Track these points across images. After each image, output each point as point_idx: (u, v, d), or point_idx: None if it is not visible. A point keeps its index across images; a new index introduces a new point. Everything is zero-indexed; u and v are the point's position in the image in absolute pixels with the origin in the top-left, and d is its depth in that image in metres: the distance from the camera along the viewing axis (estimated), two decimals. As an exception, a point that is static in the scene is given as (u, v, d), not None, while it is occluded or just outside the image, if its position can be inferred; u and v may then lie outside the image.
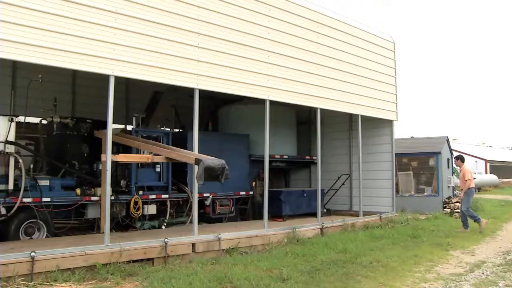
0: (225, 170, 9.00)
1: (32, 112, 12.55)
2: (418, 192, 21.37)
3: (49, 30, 8.08)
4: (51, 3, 8.13)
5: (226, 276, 7.96)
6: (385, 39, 16.17)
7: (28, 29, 7.85)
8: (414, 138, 26.30)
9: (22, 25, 7.78)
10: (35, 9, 7.95)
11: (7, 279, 7.32)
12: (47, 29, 8.06)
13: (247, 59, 11.13)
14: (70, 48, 8.30)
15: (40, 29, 7.98)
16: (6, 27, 7.62)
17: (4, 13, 7.62)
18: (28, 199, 9.83)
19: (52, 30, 8.12)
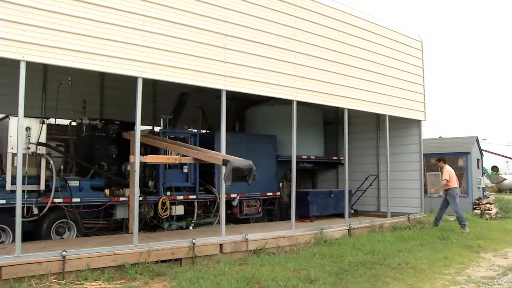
0: (253, 171, 8.99)
1: (62, 114, 12.72)
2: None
3: (78, 33, 8.23)
4: (81, 7, 8.28)
5: (254, 277, 7.97)
6: (413, 38, 15.98)
7: (59, 33, 8.03)
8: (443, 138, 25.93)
9: (52, 29, 7.96)
10: (65, 13, 8.12)
11: (40, 277, 7.49)
12: (77, 32, 8.22)
13: (274, 59, 11.12)
14: (99, 51, 8.44)
15: (70, 33, 8.15)
16: (38, 32, 7.80)
17: (36, 18, 7.80)
18: (58, 200, 9.99)
19: (81, 33, 8.27)
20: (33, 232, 9.84)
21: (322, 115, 16.58)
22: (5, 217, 9.40)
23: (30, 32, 7.72)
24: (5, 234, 9.49)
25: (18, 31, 7.61)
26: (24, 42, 7.67)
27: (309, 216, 13.74)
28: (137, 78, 8.84)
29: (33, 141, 9.73)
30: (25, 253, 7.67)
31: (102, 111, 15.37)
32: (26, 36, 7.68)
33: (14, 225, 8.06)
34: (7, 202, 9.29)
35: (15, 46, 7.59)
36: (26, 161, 9.30)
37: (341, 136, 14.68)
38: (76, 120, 12.13)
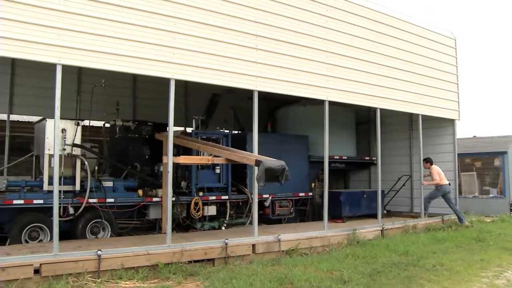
0: (285, 171, 8.97)
1: (96, 116, 12.93)
2: (482, 194, 20.62)
3: (112, 36, 8.37)
4: (115, 10, 8.42)
5: (287, 278, 7.94)
6: (446, 35, 15.73)
7: (93, 36, 8.17)
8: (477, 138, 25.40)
9: (87, 33, 8.11)
10: (99, 17, 8.26)
11: (77, 275, 7.64)
12: (110, 35, 8.36)
13: (306, 60, 11.09)
14: (132, 53, 8.56)
15: (103, 36, 8.29)
16: (73, 35, 7.96)
17: (71, 23, 7.96)
18: (93, 200, 10.15)
19: (115, 36, 8.40)
20: (69, 231, 10.04)
21: (354, 115, 16.46)
22: (42, 217, 9.67)
23: (65, 36, 7.88)
24: (43, 233, 9.73)
25: (55, 35, 7.78)
26: (60, 46, 7.83)
27: (342, 216, 13.67)
28: (170, 79, 8.93)
29: (68, 143, 9.91)
30: (62, 252, 7.84)
31: (135, 112, 15.58)
32: (62, 40, 7.84)
33: (51, 224, 8.30)
34: (45, 202, 9.51)
35: (52, 50, 7.75)
36: (62, 162, 9.46)
37: (374, 136, 14.56)
38: (109, 122, 12.31)
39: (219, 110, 15.31)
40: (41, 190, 9.89)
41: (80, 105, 13.98)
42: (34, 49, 7.62)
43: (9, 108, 14.10)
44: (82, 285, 7.41)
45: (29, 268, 7.37)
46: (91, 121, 12.75)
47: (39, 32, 7.66)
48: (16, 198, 9.51)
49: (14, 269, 7.25)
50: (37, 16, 7.66)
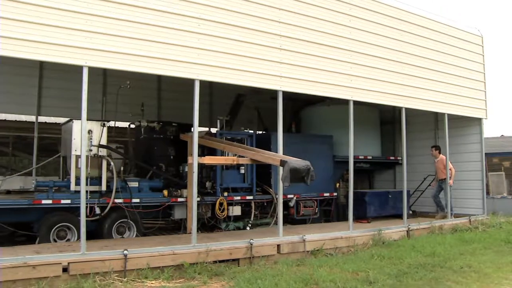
0: (310, 171, 8.94)
1: (121, 117, 13.05)
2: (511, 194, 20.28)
3: (137, 38, 8.46)
4: (140, 12, 8.50)
5: (312, 278, 7.93)
6: (472, 33, 15.48)
7: (118, 38, 8.28)
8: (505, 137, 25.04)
9: (113, 35, 8.22)
10: (125, 19, 8.36)
11: (103, 274, 7.74)
12: (135, 37, 8.45)
13: (330, 59, 11.05)
14: (156, 55, 8.63)
15: (129, 38, 8.38)
16: (99, 38, 8.07)
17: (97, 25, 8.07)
18: (119, 200, 10.25)
19: (140, 38, 8.49)
20: (96, 231, 10.15)
21: (379, 114, 16.33)
22: (70, 216, 9.82)
23: (92, 39, 8.00)
24: (71, 232, 9.87)
25: (82, 38, 7.90)
26: (87, 49, 7.94)
27: (367, 217, 13.58)
28: (194, 80, 8.97)
29: (94, 144, 10.02)
30: (89, 251, 7.96)
31: (159, 113, 15.69)
32: (88, 43, 7.95)
33: (79, 224, 8.43)
34: (72, 202, 9.66)
35: (79, 53, 7.87)
36: (88, 163, 9.58)
37: (399, 136, 14.44)
38: (135, 123, 12.41)
39: (244, 111, 15.33)
40: (68, 190, 10.04)
41: (106, 107, 14.13)
42: (61, 51, 7.75)
43: (37, 110, 14.33)
44: (108, 284, 7.50)
45: (58, 267, 7.51)
46: (117, 122, 12.85)
47: (67, 35, 7.79)
48: (45, 198, 9.67)
49: (44, 267, 7.40)
50: (65, 19, 7.79)
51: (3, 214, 9.49)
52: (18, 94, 14.14)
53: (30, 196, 10.23)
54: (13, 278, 7.14)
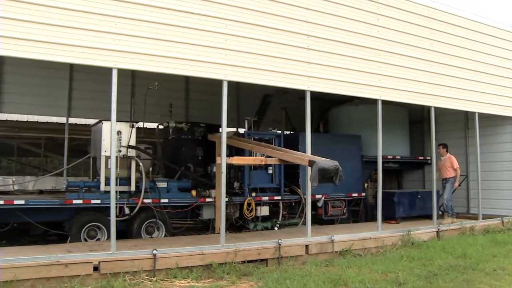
0: (339, 171, 8.90)
1: (150, 118, 13.17)
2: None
3: (165, 39, 8.52)
4: (168, 14, 8.56)
5: (341, 279, 7.89)
6: (504, 29, 15.13)
7: (147, 40, 8.36)
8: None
9: (141, 37, 8.31)
10: (153, 21, 8.44)
11: (133, 273, 7.84)
12: (164, 39, 8.51)
13: (357, 58, 10.96)
14: (184, 56, 8.69)
15: (157, 40, 8.45)
16: (128, 40, 8.17)
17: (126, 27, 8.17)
18: (148, 200, 10.34)
19: (168, 39, 8.55)
20: (125, 230, 10.26)
21: (407, 114, 16.15)
22: (100, 216, 9.96)
23: (121, 41, 8.09)
24: (101, 232, 10.02)
25: (111, 40, 8.00)
26: (116, 51, 8.05)
27: (395, 217, 13.43)
28: (222, 81, 9.00)
29: (124, 144, 10.13)
30: (119, 251, 8.06)
31: (187, 114, 15.79)
32: (117, 45, 8.05)
33: (108, 224, 8.53)
34: (102, 202, 9.81)
35: (108, 55, 7.98)
36: (118, 164, 9.69)
37: (428, 135, 14.25)
38: (163, 123, 12.51)
39: (271, 111, 15.33)
40: (98, 191, 10.19)
41: (134, 108, 14.29)
42: (91, 54, 7.87)
43: (67, 111, 14.58)
44: (138, 283, 7.57)
45: (89, 266, 7.63)
46: (145, 123, 12.98)
47: (97, 38, 7.91)
48: (75, 198, 9.84)
49: (76, 265, 7.54)
50: (94, 22, 7.90)
51: (36, 213, 9.73)
52: (49, 96, 14.45)
53: (61, 196, 10.44)
54: (47, 276, 7.31)
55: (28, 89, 14.16)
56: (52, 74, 14.06)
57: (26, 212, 9.57)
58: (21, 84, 14.11)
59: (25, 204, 9.45)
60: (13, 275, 7.06)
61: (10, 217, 9.66)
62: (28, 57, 7.64)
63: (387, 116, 12.13)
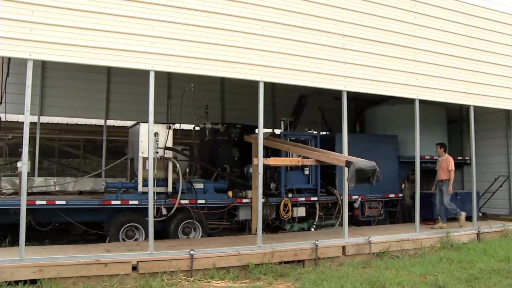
0: (376, 172, 8.81)
1: (186, 119, 13.28)
2: None
3: (201, 41, 8.59)
4: (203, 17, 8.63)
5: (378, 280, 7.80)
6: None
7: (183, 42, 8.44)
8: None
9: (178, 39, 8.40)
10: (189, 24, 8.52)
11: (171, 273, 7.93)
12: (199, 41, 8.58)
13: (394, 58, 10.82)
14: (220, 57, 8.73)
15: (193, 42, 8.52)
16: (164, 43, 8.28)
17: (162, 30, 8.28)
18: (185, 201, 10.43)
19: (204, 41, 8.61)
20: (162, 231, 10.38)
21: (445, 113, 15.86)
22: (137, 217, 10.11)
23: (158, 44, 8.20)
24: (138, 232, 10.17)
25: (148, 43, 8.11)
26: (153, 53, 8.15)
27: (434, 218, 13.19)
28: (259, 82, 9.02)
29: (161, 146, 10.25)
30: (157, 251, 8.17)
31: (223, 115, 15.87)
32: (154, 48, 8.16)
33: (146, 224, 8.67)
34: (139, 202, 9.95)
35: (145, 58, 8.10)
36: (155, 165, 9.81)
37: (466, 135, 13.97)
38: (199, 125, 12.60)
39: (307, 111, 15.29)
40: (136, 192, 10.33)
41: (171, 109, 14.44)
42: (129, 57, 8.01)
43: (105, 114, 14.84)
44: (176, 283, 7.66)
45: (127, 265, 7.76)
46: (182, 125, 13.10)
47: (134, 41, 8.04)
48: (114, 199, 10.00)
49: (115, 265, 7.68)
50: (132, 26, 8.04)
51: (76, 213, 9.96)
52: (88, 99, 14.77)
53: (100, 197, 10.62)
54: (87, 274, 7.48)
55: (67, 92, 14.54)
56: (90, 78, 14.36)
57: (67, 212, 9.82)
58: (61, 88, 14.49)
59: (66, 205, 9.69)
60: (56, 272, 7.27)
61: (52, 217, 9.90)
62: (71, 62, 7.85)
63: (424, 116, 11.92)
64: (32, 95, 7.61)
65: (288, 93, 14.95)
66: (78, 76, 14.06)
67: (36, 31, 7.40)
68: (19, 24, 7.32)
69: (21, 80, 8.36)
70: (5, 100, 11.47)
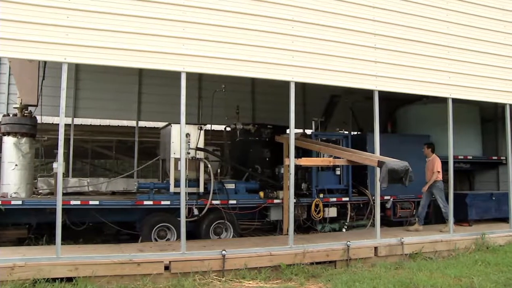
0: (409, 172, 8.72)
1: (217, 120, 13.35)
2: None
3: (231, 42, 8.61)
4: (234, 18, 8.65)
5: (411, 282, 7.70)
6: None
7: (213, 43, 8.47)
8: None
9: (208, 40, 8.43)
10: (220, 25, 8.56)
11: (202, 273, 7.99)
12: (230, 41, 8.61)
13: (426, 56, 10.65)
14: (251, 58, 8.75)
15: (223, 42, 8.55)
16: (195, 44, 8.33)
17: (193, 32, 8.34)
18: (216, 201, 10.46)
19: (235, 42, 8.64)
20: (194, 231, 10.43)
21: (479, 112, 15.56)
22: (169, 217, 10.22)
23: (189, 45, 8.26)
24: (170, 232, 10.27)
25: (179, 45, 8.18)
26: (184, 55, 8.22)
27: (468, 219, 12.95)
28: (290, 82, 9.00)
29: (192, 147, 10.33)
30: (189, 251, 8.24)
31: (254, 115, 15.90)
32: (185, 49, 8.22)
33: (178, 224, 8.76)
34: (171, 203, 10.04)
35: (177, 59, 8.17)
36: (186, 165, 9.88)
37: (502, 134, 13.62)
38: (230, 125, 12.64)
39: (338, 111, 15.21)
40: (167, 192, 10.42)
41: (202, 110, 14.53)
42: (162, 59, 8.09)
43: (137, 115, 15.02)
44: (207, 283, 7.70)
45: (160, 265, 7.84)
46: (213, 125, 13.17)
47: (165, 43, 8.12)
48: (146, 199, 10.11)
49: (148, 264, 7.77)
50: (163, 28, 8.12)
51: (109, 213, 10.12)
52: (120, 101, 14.98)
53: (132, 197, 10.76)
54: (121, 273, 7.60)
55: (100, 94, 14.77)
56: (122, 80, 14.56)
57: (100, 212, 9.99)
58: (94, 90, 14.73)
59: (99, 205, 9.88)
60: (91, 271, 7.42)
61: (86, 217, 10.08)
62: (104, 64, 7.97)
63: (457, 115, 11.70)
64: (66, 98, 7.75)
65: (319, 93, 14.90)
66: (110, 78, 14.29)
67: (71, 35, 7.54)
68: (55, 28, 7.48)
69: (56, 83, 8.52)
70: (41, 102, 11.68)
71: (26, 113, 10.89)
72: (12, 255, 7.63)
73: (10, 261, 7.26)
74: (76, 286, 7.14)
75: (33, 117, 11.02)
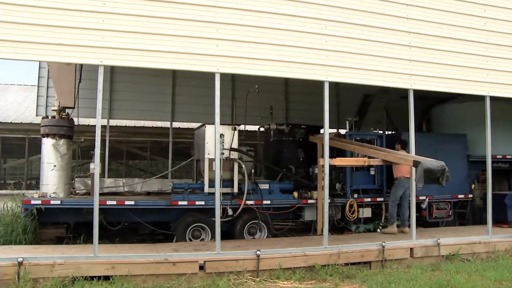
0: (445, 172, 8.57)
1: (251, 120, 13.38)
2: None
3: (264, 43, 8.63)
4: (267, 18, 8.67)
5: (449, 284, 7.58)
6: None
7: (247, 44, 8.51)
8: None
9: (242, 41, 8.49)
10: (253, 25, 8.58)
11: (237, 273, 8.01)
12: (264, 42, 8.62)
13: (462, 54, 10.42)
14: (284, 58, 8.75)
15: (258, 43, 8.57)
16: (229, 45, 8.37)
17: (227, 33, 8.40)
18: (250, 202, 10.51)
19: (268, 42, 8.66)
20: (228, 231, 10.48)
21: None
22: (204, 217, 10.29)
23: (223, 46, 8.31)
24: (205, 232, 10.34)
25: (213, 46, 8.24)
26: (218, 56, 8.27)
27: (508, 221, 12.65)
28: (324, 82, 8.97)
29: (226, 147, 10.37)
30: (223, 251, 8.28)
31: (287, 116, 15.89)
32: (219, 50, 8.27)
33: (212, 224, 8.82)
34: (206, 203, 10.14)
35: (211, 60, 8.23)
36: (221, 166, 9.93)
37: (542, 133, 13.27)
38: (264, 126, 12.66)
39: (372, 111, 15.07)
40: (202, 192, 10.51)
41: (236, 111, 14.58)
42: (196, 60, 8.16)
43: (171, 116, 15.17)
44: (242, 283, 7.72)
45: (195, 264, 7.90)
46: (246, 126, 13.21)
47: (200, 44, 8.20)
48: (181, 200, 10.24)
49: (183, 264, 7.84)
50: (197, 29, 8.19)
51: (145, 213, 10.27)
52: (154, 102, 15.16)
53: (167, 197, 10.88)
54: (156, 273, 7.69)
55: (135, 96, 14.98)
56: (156, 81, 14.73)
57: (135, 212, 10.15)
58: (129, 92, 14.95)
59: (134, 205, 10.05)
60: (127, 270, 7.52)
61: (122, 217, 10.25)
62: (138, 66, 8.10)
63: (495, 113, 11.41)
64: (102, 99, 7.88)
65: (353, 93, 14.77)
66: (144, 80, 14.48)
67: (107, 38, 7.68)
68: (91, 32, 7.63)
69: (92, 86, 8.67)
70: (77, 105, 11.92)
71: (64, 115, 11.11)
72: (53, 253, 7.85)
73: (51, 259, 7.44)
74: (113, 285, 7.25)
75: (71, 119, 11.24)
